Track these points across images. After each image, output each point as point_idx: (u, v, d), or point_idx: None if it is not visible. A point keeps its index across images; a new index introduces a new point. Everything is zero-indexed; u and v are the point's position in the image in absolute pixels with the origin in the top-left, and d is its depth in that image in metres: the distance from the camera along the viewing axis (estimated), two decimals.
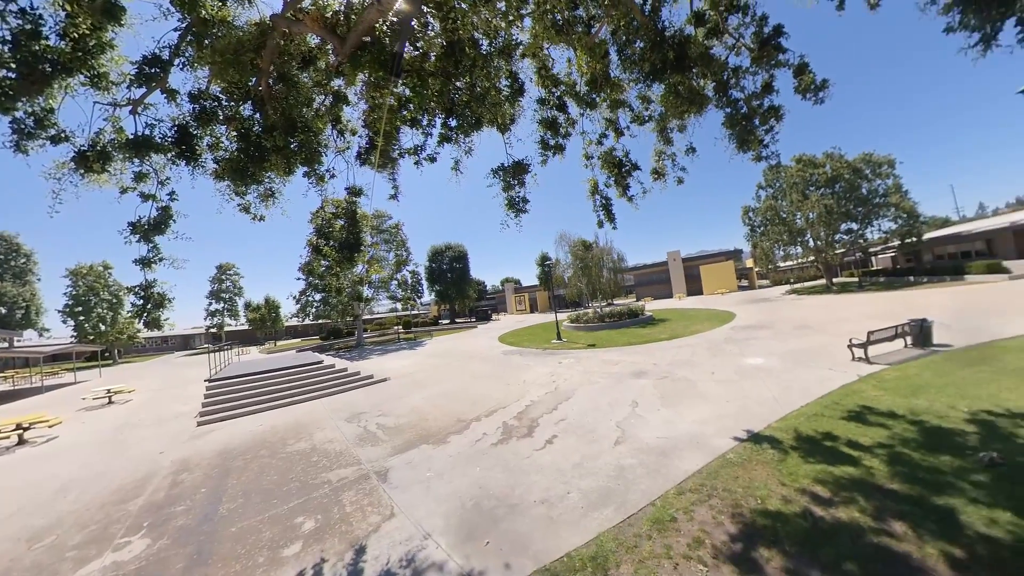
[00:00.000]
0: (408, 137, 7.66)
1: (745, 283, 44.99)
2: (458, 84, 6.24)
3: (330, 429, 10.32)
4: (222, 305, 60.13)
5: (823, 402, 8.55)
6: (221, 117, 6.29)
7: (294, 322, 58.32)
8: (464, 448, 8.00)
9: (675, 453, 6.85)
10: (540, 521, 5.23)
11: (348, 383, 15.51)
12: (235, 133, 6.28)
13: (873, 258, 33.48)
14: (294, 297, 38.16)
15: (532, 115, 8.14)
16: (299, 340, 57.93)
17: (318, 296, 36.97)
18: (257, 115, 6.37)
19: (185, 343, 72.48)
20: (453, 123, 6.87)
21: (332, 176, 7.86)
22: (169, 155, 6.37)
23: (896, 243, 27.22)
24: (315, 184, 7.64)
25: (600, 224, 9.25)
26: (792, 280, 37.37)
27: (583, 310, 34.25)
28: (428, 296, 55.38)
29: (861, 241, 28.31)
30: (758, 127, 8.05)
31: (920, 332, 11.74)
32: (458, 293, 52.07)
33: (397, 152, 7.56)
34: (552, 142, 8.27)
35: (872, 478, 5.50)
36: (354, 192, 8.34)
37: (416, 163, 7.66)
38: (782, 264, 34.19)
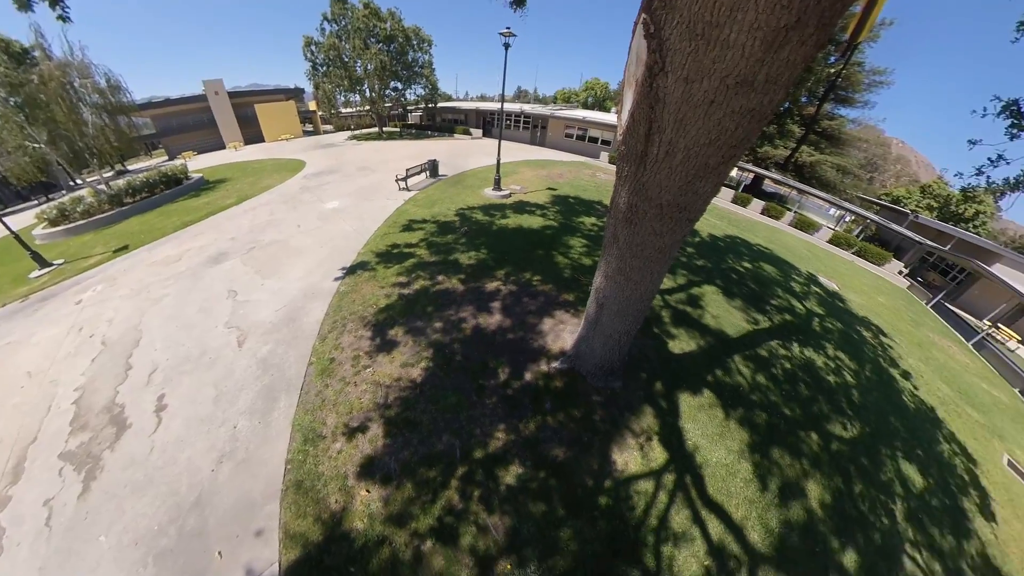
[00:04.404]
0: None
1: (310, 128, 42.48)
2: None
3: None
4: None
5: (387, 223, 11.35)
6: None
7: None
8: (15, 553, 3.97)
9: (301, 313, 7.17)
10: (232, 501, 4.27)
11: None
12: None
13: (410, 114, 42.48)
14: None
15: None
16: None
17: None
18: None
19: None
20: None
21: None
22: None
23: (423, 106, 36.10)
24: None
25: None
26: (352, 127, 40.51)
27: (64, 196, 16.93)
28: None
29: (403, 100, 35.10)
30: None
31: (432, 167, 17.30)
32: None
33: None
34: None
35: (423, 259, 8.74)
36: None
37: None
38: (344, 111, 35.83)
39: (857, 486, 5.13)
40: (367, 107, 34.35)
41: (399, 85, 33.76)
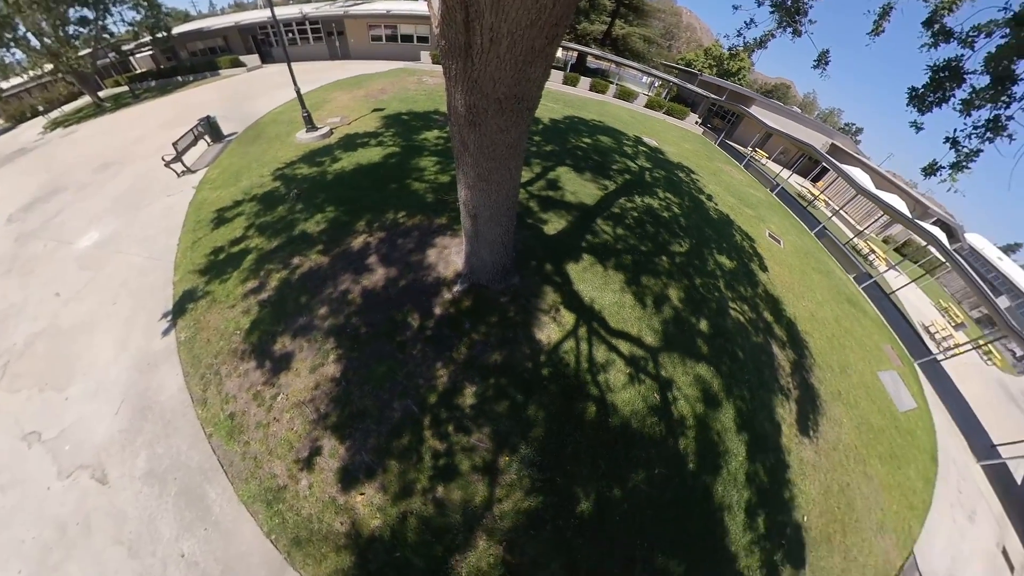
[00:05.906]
0: None
1: None
2: None
3: None
4: None
5: (188, 228, 8.84)
6: None
7: None
8: None
9: (151, 393, 5.55)
10: None
11: None
12: None
13: (133, 59, 29.66)
14: None
15: None
16: None
17: None
18: None
19: None
20: None
21: None
22: None
23: (149, 39, 24.68)
24: None
25: None
26: (40, 107, 26.52)
27: None
28: None
29: (107, 36, 23.07)
30: None
31: (211, 128, 13.68)
32: None
33: None
34: None
35: (263, 249, 7.38)
36: None
37: None
38: (5, 84, 23.69)
39: (697, 280, 7.24)
40: (50, 67, 22.77)
41: (89, 14, 21.80)
